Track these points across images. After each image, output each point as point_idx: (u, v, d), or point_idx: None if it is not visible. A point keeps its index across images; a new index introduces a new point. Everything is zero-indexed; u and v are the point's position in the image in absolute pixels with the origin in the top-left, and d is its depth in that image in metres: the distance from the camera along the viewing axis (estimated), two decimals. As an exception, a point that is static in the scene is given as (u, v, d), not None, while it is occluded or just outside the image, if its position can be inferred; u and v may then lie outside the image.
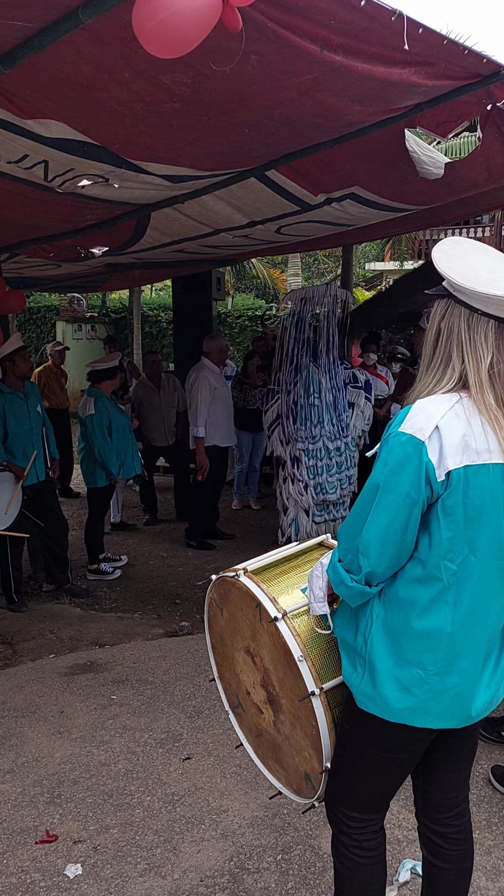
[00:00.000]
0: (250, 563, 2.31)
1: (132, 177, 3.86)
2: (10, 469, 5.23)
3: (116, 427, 6.12)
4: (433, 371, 1.86)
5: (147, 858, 2.86)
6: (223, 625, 2.42)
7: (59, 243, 5.79)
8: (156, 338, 16.58)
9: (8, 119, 3.03)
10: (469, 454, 1.76)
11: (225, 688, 2.54)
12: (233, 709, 2.52)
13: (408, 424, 1.78)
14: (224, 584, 2.33)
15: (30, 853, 2.90)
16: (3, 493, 5.10)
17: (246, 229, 5.39)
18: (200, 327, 8.77)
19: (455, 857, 2.11)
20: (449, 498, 1.77)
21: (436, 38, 2.59)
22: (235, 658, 2.39)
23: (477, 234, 15.34)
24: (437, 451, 1.75)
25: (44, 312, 17.23)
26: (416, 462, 1.75)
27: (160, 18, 1.92)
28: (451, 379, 1.82)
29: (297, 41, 2.38)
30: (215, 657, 2.55)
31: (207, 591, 2.43)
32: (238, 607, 2.29)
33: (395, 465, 1.77)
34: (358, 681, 1.91)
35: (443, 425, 1.75)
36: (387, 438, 1.83)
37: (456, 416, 1.77)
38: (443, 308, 1.86)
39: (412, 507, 1.77)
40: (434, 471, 1.75)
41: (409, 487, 1.75)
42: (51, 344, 9.96)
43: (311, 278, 23.20)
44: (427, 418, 1.77)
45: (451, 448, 1.75)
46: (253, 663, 2.29)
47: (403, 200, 4.64)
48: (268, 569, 2.31)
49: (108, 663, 4.57)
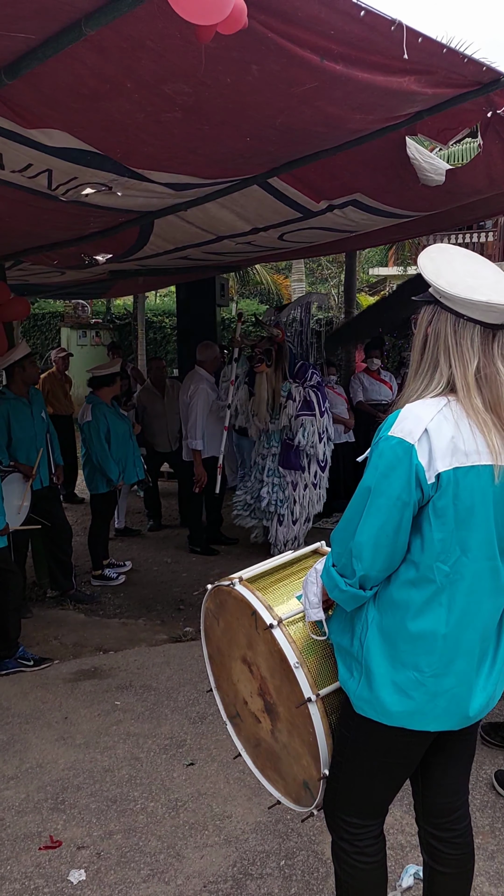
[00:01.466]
0: (245, 572, 2.31)
1: (135, 185, 3.88)
2: (17, 469, 5.26)
3: (115, 433, 6.13)
4: (421, 376, 1.89)
5: (150, 864, 2.86)
6: (219, 634, 2.42)
7: (63, 250, 5.82)
8: (160, 344, 16.61)
9: (12, 129, 3.05)
10: (458, 456, 1.78)
11: (223, 698, 2.54)
12: (230, 719, 2.52)
13: (397, 428, 1.81)
14: (220, 594, 2.33)
15: (34, 859, 2.91)
16: (14, 492, 5.14)
17: (249, 236, 5.42)
18: (204, 333, 8.78)
19: (455, 862, 2.11)
20: (439, 500, 1.79)
21: (435, 46, 2.61)
22: (232, 668, 2.39)
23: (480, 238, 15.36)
24: (426, 453, 1.77)
25: (48, 319, 17.29)
26: (406, 465, 1.77)
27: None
28: (439, 383, 1.85)
29: (297, 51, 2.40)
30: (212, 667, 2.54)
31: (203, 601, 2.43)
32: (234, 616, 2.29)
33: (385, 468, 1.80)
34: (355, 685, 1.92)
35: (432, 428, 1.78)
36: (377, 442, 1.85)
37: (445, 419, 1.79)
38: (429, 314, 1.88)
39: (403, 510, 1.79)
40: (424, 473, 1.77)
41: (399, 490, 1.78)
42: (55, 350, 10.00)
43: (314, 283, 23.22)
44: (416, 421, 1.79)
45: (441, 450, 1.77)
46: (250, 672, 2.29)
47: (405, 207, 4.66)
48: (263, 577, 2.32)
49: (112, 669, 4.58)
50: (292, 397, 6.28)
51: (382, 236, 6.63)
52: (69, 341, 15.32)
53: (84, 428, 6.13)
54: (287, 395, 6.28)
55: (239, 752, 2.50)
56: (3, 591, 4.54)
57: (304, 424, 6.27)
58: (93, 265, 6.43)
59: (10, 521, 4.90)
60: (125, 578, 6.39)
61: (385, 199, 4.45)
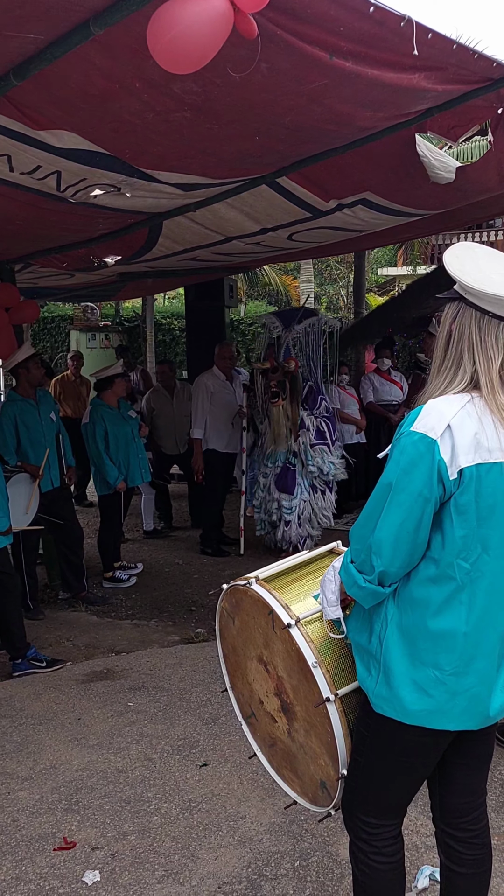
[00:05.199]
0: (262, 571, 2.30)
1: (144, 186, 3.88)
2: (24, 469, 5.27)
3: (114, 435, 6.13)
4: (444, 373, 1.88)
5: (165, 865, 2.85)
6: (235, 634, 2.41)
7: (72, 253, 5.83)
8: (169, 346, 16.61)
9: (21, 130, 3.06)
10: (481, 452, 1.77)
11: (237, 698, 2.52)
12: (246, 719, 2.50)
13: (420, 423, 1.80)
14: (236, 593, 2.32)
15: (48, 860, 2.91)
16: (21, 493, 5.14)
17: (258, 236, 5.41)
18: (213, 335, 8.79)
19: (473, 862, 2.10)
20: (461, 496, 1.78)
21: (445, 42, 2.60)
22: (248, 667, 2.38)
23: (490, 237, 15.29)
24: (449, 449, 1.76)
25: (58, 322, 17.31)
26: (428, 460, 1.76)
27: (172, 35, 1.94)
28: (463, 380, 1.84)
29: (306, 48, 2.40)
30: (227, 667, 2.53)
31: (219, 601, 2.43)
32: (250, 616, 2.28)
33: (407, 463, 1.78)
34: (373, 684, 1.90)
35: (455, 424, 1.77)
36: (399, 438, 1.84)
37: (468, 415, 1.78)
38: (454, 311, 1.88)
39: (425, 506, 1.77)
40: (446, 469, 1.76)
41: (421, 486, 1.76)
42: (70, 353, 10.05)
43: (323, 284, 23.22)
44: (439, 417, 1.78)
45: (464, 446, 1.76)
46: (266, 672, 2.28)
47: (415, 205, 4.64)
48: (280, 576, 2.31)
49: (125, 670, 4.58)
50: (305, 426, 6.36)
51: (392, 235, 6.62)
52: (79, 344, 15.34)
53: (82, 430, 6.23)
54: (300, 424, 6.35)
55: (254, 752, 2.49)
56: (2, 592, 4.54)
57: (323, 454, 6.38)
58: (102, 267, 6.44)
59: (17, 521, 4.91)
60: (136, 580, 6.39)
61: (395, 197, 4.44)
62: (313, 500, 6.47)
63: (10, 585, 4.57)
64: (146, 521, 7.81)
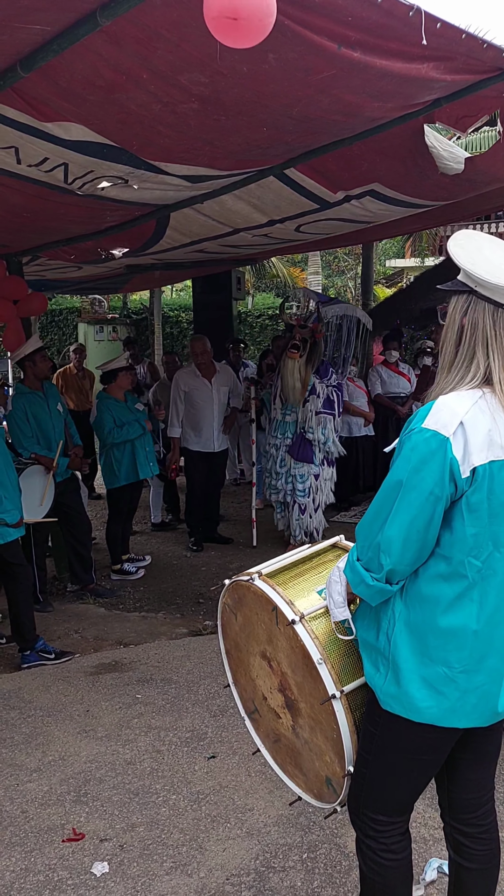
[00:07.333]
0: (265, 567, 2.27)
1: (151, 178, 3.87)
2: (38, 461, 5.29)
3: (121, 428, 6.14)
4: (457, 368, 1.83)
5: (173, 857, 2.87)
6: (237, 629, 2.39)
7: (79, 245, 5.83)
8: (176, 338, 16.61)
9: (28, 122, 3.05)
10: (494, 449, 1.74)
11: (240, 693, 2.51)
12: (249, 714, 2.49)
13: (431, 420, 1.76)
14: (238, 589, 2.30)
15: (57, 851, 2.92)
16: (36, 485, 5.16)
17: (265, 228, 5.39)
18: (221, 327, 8.78)
19: (482, 857, 2.09)
20: (474, 494, 1.75)
21: (454, 32, 2.58)
22: (251, 663, 2.37)
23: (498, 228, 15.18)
24: (461, 446, 1.73)
25: (66, 314, 17.33)
26: (440, 459, 1.73)
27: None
28: (475, 376, 1.80)
29: (314, 38, 2.38)
30: (229, 663, 2.52)
31: (220, 596, 2.41)
32: (253, 611, 2.26)
33: (418, 461, 1.75)
34: (381, 681, 1.89)
35: (467, 421, 1.73)
36: (409, 434, 1.80)
37: (480, 412, 1.75)
38: (464, 304, 1.83)
39: (436, 505, 1.75)
40: (459, 467, 1.73)
41: (432, 485, 1.73)
42: (73, 346, 10.03)
43: (331, 276, 23.13)
44: (451, 414, 1.75)
45: (477, 444, 1.73)
46: (269, 668, 2.27)
47: (423, 196, 4.61)
48: (283, 571, 2.29)
49: (133, 662, 4.60)
50: (315, 392, 6.30)
51: (400, 227, 6.60)
52: (86, 337, 15.35)
53: (92, 425, 6.27)
54: (311, 390, 6.29)
55: (258, 748, 2.49)
56: (14, 583, 4.56)
57: (326, 422, 6.31)
58: (109, 260, 6.44)
59: (31, 514, 4.92)
60: (144, 572, 6.40)
61: (403, 188, 4.41)
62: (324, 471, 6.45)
63: (21, 577, 4.59)
64: (154, 514, 7.81)
